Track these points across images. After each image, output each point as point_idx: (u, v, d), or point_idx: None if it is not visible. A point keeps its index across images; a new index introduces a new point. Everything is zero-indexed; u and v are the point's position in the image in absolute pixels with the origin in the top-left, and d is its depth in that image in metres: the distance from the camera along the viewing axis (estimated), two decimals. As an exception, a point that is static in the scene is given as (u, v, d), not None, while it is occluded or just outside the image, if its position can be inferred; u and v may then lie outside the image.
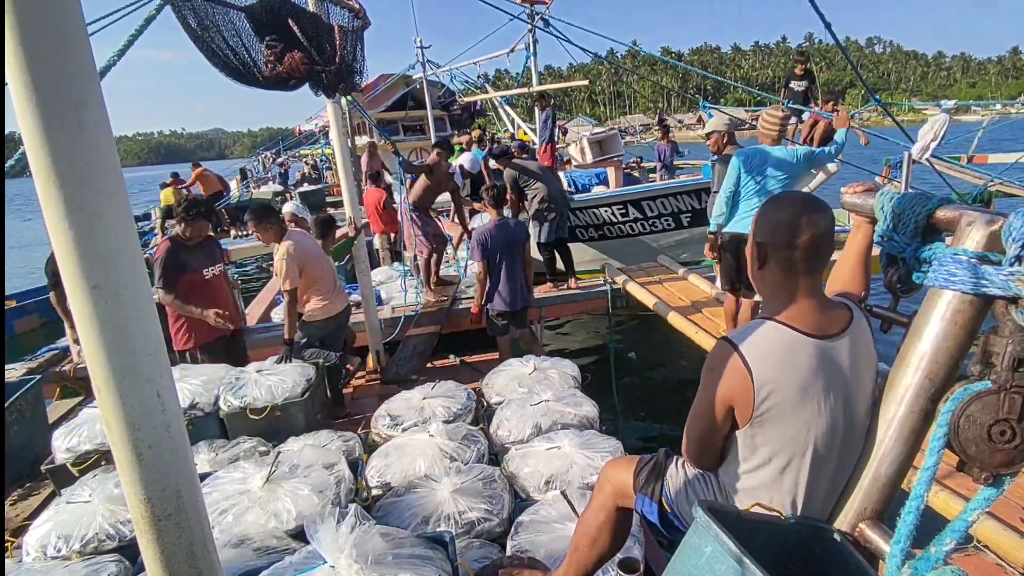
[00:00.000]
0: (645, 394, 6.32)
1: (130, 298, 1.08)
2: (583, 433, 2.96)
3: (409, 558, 1.82)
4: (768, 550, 1.19)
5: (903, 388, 1.24)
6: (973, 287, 1.11)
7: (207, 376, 3.65)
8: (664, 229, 7.77)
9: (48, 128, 0.98)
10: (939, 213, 1.27)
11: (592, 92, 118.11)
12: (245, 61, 2.67)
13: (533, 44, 10.30)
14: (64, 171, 1.00)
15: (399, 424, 3.36)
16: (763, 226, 1.43)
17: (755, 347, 1.35)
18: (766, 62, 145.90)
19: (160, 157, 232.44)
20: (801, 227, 1.36)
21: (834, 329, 1.39)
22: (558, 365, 3.80)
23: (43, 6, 0.95)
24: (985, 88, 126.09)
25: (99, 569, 2.22)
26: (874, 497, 1.29)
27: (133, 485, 1.15)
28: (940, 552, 1.05)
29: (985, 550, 2.45)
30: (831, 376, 1.35)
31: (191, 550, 1.22)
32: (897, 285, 1.42)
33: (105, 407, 1.11)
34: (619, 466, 1.84)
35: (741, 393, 1.35)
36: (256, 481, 2.47)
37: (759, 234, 1.44)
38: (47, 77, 0.96)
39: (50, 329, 7.74)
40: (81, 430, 3.22)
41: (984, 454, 1.08)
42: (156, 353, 1.13)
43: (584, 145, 12.46)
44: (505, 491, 2.63)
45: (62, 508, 2.53)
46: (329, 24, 3.07)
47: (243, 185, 19.84)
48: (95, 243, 1.03)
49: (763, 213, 1.46)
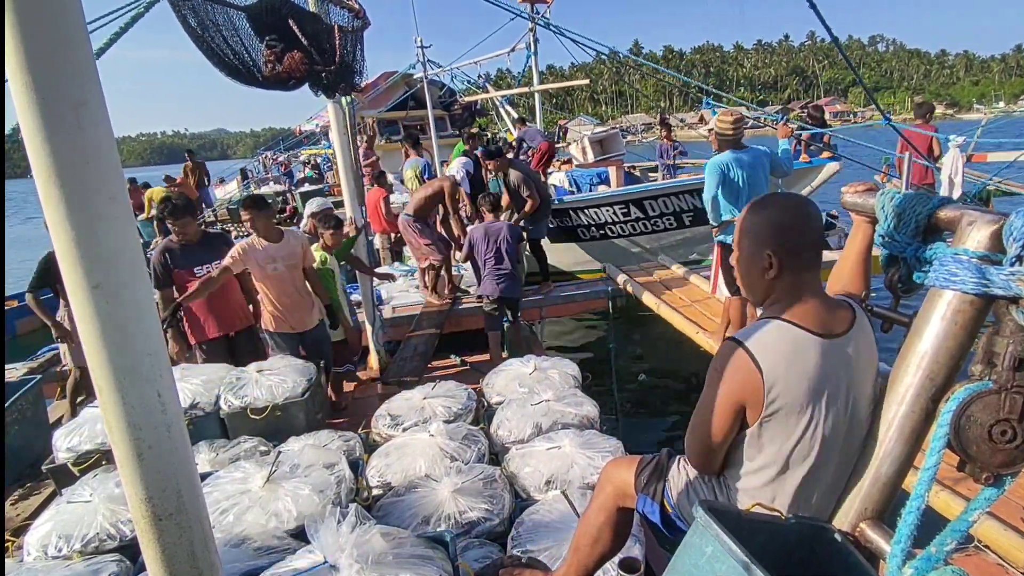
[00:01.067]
0: (645, 394, 6.32)
1: (131, 298, 1.08)
2: (583, 433, 2.96)
3: (409, 558, 1.82)
4: (769, 550, 1.19)
5: (904, 388, 1.23)
6: (974, 287, 1.11)
7: (207, 376, 3.64)
8: (666, 228, 7.76)
9: (48, 128, 0.98)
10: (940, 213, 1.27)
11: (594, 91, 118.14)
12: (245, 61, 2.67)
13: (534, 43, 10.30)
14: (65, 171, 1.00)
15: (399, 424, 3.36)
16: (765, 234, 1.40)
17: (763, 345, 1.35)
18: (768, 60, 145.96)
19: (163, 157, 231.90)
20: (804, 228, 1.36)
21: (839, 328, 1.39)
22: (558, 365, 3.80)
23: (43, 6, 0.95)
24: (988, 86, 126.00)
25: (100, 569, 2.22)
26: (875, 497, 1.29)
27: (134, 485, 1.15)
28: (941, 552, 1.05)
29: (986, 550, 2.45)
30: (837, 375, 1.35)
31: (192, 550, 1.22)
32: (898, 285, 1.41)
33: (106, 407, 1.11)
34: (620, 466, 1.84)
35: (752, 391, 1.34)
36: (257, 481, 2.47)
37: (765, 243, 1.39)
38: (47, 77, 0.96)
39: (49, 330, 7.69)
40: (82, 430, 3.22)
41: (985, 454, 1.08)
42: (157, 353, 1.13)
43: (585, 144, 12.46)
44: (505, 491, 2.63)
45: (63, 508, 2.53)
46: (329, 24, 3.07)
47: (244, 185, 19.87)
48: (96, 243, 1.03)
49: (760, 220, 1.42)
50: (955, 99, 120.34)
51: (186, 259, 3.92)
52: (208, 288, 3.75)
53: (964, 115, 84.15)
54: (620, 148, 13.35)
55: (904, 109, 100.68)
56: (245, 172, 22.26)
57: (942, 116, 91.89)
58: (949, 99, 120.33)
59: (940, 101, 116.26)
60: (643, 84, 67.41)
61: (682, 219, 7.62)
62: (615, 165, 10.06)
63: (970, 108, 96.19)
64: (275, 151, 28.63)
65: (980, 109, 67.25)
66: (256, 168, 24.65)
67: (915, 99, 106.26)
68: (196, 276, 3.92)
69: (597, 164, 11.18)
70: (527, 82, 11.58)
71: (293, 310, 4.06)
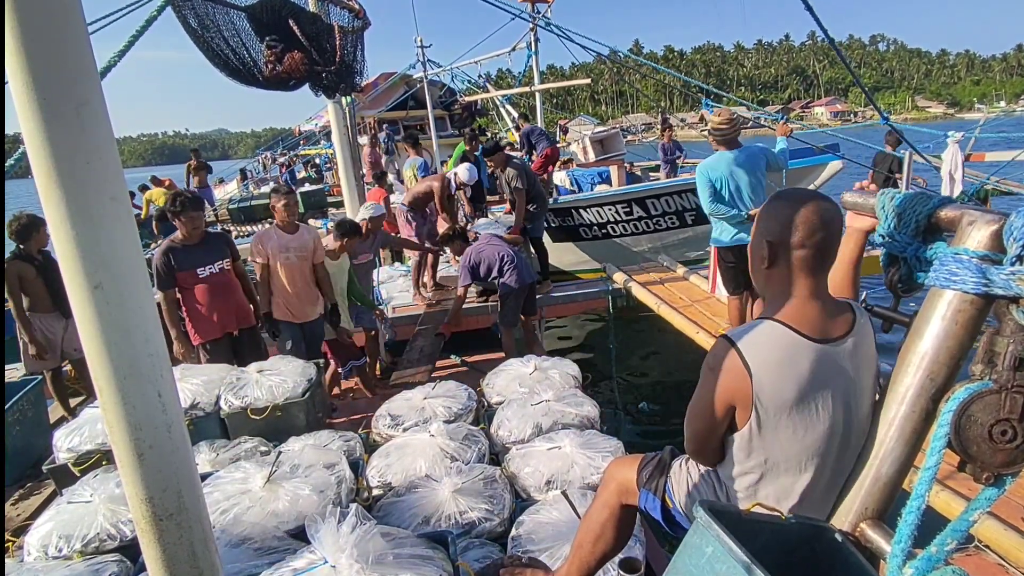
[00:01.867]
0: (646, 394, 6.32)
1: (131, 299, 1.08)
2: (584, 433, 2.96)
3: (410, 558, 1.82)
4: (769, 550, 1.19)
5: (904, 388, 1.23)
6: (974, 286, 1.11)
7: (208, 376, 3.65)
8: (668, 228, 7.76)
9: (49, 128, 0.98)
10: (940, 212, 1.27)
11: (594, 91, 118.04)
12: (245, 61, 2.67)
13: (535, 43, 10.29)
14: (65, 171, 1.00)
15: (400, 424, 3.36)
16: (773, 224, 1.39)
17: (755, 348, 1.34)
18: (769, 60, 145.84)
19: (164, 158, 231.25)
20: (816, 226, 1.34)
21: (837, 333, 1.38)
22: (559, 365, 3.80)
23: (44, 7, 0.95)
24: (989, 86, 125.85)
25: (100, 569, 2.22)
26: (875, 497, 1.29)
27: (134, 485, 1.15)
28: (941, 552, 1.05)
29: (986, 550, 2.45)
30: (832, 381, 1.34)
31: (192, 550, 1.22)
32: (898, 285, 1.41)
33: (107, 407, 1.12)
34: (624, 463, 1.85)
35: (740, 394, 1.34)
36: (257, 481, 2.47)
37: (769, 233, 1.39)
38: (48, 77, 0.96)
39: None
40: (83, 430, 3.22)
41: (985, 454, 1.08)
42: (157, 353, 1.13)
43: (586, 144, 12.46)
44: (506, 491, 2.63)
45: (63, 508, 2.53)
46: (329, 24, 3.07)
47: (243, 186, 19.86)
48: (97, 244, 1.03)
49: (772, 210, 1.42)
50: (956, 99, 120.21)
51: (189, 259, 3.94)
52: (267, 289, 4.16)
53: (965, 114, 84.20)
54: (621, 148, 13.35)
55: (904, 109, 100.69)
56: (245, 172, 22.26)
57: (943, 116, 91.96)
58: (950, 99, 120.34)
59: (941, 101, 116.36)
60: (643, 84, 67.41)
61: (684, 218, 7.62)
62: (616, 164, 10.06)
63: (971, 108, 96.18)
64: (274, 151, 28.61)
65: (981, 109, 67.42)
66: (256, 168, 24.63)
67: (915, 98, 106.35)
68: (199, 277, 3.95)
69: (598, 163, 11.19)
70: (527, 82, 11.55)
71: (297, 300, 4.23)
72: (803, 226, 1.35)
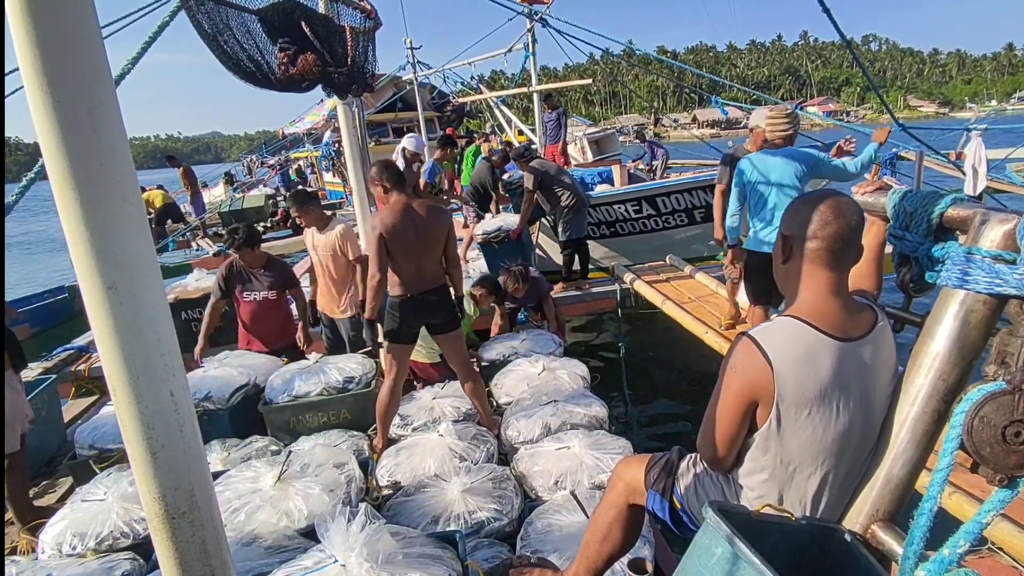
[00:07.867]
0: (655, 394, 6.30)
1: (144, 299, 1.09)
2: (592, 433, 2.95)
3: (419, 557, 1.83)
4: (779, 551, 1.18)
5: (916, 389, 1.23)
6: (987, 286, 1.10)
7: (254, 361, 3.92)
8: (677, 225, 7.74)
9: (64, 131, 0.99)
10: (951, 211, 1.26)
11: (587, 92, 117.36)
12: (259, 63, 2.69)
13: (532, 44, 10.22)
14: (79, 173, 1.00)
15: (409, 424, 3.38)
16: (791, 220, 1.42)
17: (776, 344, 1.34)
18: (761, 60, 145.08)
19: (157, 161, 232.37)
20: (828, 218, 1.34)
21: (858, 332, 1.37)
22: (567, 365, 3.80)
23: (57, 9, 0.96)
24: (981, 84, 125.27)
25: (114, 567, 2.25)
26: (887, 498, 1.28)
27: (147, 483, 1.16)
28: (954, 554, 1.04)
29: (999, 552, 2.42)
30: (851, 380, 1.34)
31: (204, 548, 1.23)
32: (910, 284, 1.40)
33: (120, 406, 1.13)
34: (631, 464, 1.84)
35: (763, 390, 1.34)
36: (268, 480, 2.49)
37: (786, 228, 1.42)
38: (62, 80, 0.97)
39: (42, 339, 7.58)
40: (105, 427, 3.27)
41: (998, 455, 1.07)
42: (170, 353, 1.14)
43: (584, 144, 12.44)
44: (515, 491, 2.64)
45: (77, 506, 2.56)
46: (340, 25, 3.09)
47: (232, 190, 19.09)
48: (110, 244, 1.04)
49: (790, 209, 1.44)
50: (948, 98, 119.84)
51: (240, 281, 4.19)
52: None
53: (957, 113, 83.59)
54: (616, 148, 13.31)
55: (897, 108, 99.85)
56: (230, 176, 21.79)
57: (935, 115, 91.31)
58: (942, 97, 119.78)
59: (933, 100, 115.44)
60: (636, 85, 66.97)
61: (694, 216, 7.60)
62: (617, 164, 10.04)
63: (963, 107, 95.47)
64: (258, 154, 28.18)
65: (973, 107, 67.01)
66: (240, 171, 24.03)
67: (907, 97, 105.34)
68: (244, 300, 4.21)
69: (596, 163, 11.16)
70: (523, 83, 11.45)
71: (322, 296, 4.52)
72: (816, 218, 1.35)
